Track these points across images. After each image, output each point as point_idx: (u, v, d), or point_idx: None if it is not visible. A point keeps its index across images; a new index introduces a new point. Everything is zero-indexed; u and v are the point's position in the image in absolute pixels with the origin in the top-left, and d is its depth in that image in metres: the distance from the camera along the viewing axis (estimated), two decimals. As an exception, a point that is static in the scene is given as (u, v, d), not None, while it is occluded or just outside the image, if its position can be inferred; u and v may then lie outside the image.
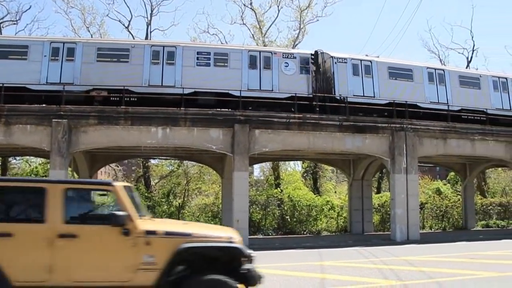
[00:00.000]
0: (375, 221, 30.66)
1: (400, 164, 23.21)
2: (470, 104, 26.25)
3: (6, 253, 6.23)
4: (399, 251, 17.99)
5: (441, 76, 25.68)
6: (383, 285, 10.50)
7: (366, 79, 24.08)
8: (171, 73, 21.49)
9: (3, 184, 7.48)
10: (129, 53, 21.87)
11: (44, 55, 21.07)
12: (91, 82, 21.19)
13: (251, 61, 22.51)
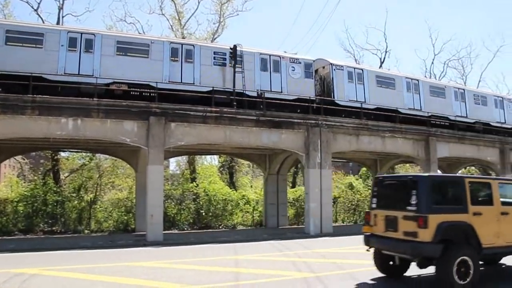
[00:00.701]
0: (290, 215, 31.10)
1: (314, 159, 23.68)
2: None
3: (479, 226, 9.40)
4: (313, 244, 18.36)
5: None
6: (296, 278, 10.59)
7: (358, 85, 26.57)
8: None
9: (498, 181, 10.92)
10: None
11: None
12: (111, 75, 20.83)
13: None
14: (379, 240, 10.31)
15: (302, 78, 25.13)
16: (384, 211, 10.28)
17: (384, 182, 11.36)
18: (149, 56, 21.70)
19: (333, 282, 10.06)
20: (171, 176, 44.53)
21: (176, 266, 12.57)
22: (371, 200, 11.22)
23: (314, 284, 9.81)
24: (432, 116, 29.92)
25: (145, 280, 10.39)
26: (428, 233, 8.89)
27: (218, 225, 28.20)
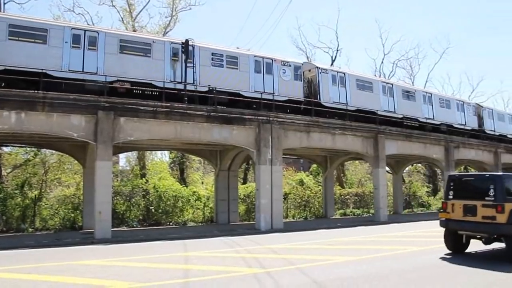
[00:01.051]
0: (240, 211, 31.15)
1: (265, 155, 23.79)
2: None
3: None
4: (263, 239, 18.45)
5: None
6: (246, 274, 10.60)
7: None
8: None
9: None
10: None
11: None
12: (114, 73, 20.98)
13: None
14: (458, 223, 13.34)
15: (292, 80, 26.40)
16: (462, 201, 13.35)
17: (461, 179, 14.77)
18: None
19: (283, 277, 10.12)
20: (121, 172, 43.79)
21: (124, 264, 12.35)
22: (446, 192, 14.34)
23: (264, 280, 9.85)
24: (404, 117, 32.20)
25: (92, 278, 10.13)
26: (504, 217, 12.01)
27: (168, 222, 27.89)
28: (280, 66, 26.09)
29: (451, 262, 12.08)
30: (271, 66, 25.67)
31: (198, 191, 32.68)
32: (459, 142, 36.76)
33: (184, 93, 22.19)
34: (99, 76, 20.48)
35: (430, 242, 16.66)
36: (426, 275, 10.30)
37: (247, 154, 26.38)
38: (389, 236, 19.49)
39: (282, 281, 9.69)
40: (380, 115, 29.07)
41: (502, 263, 11.96)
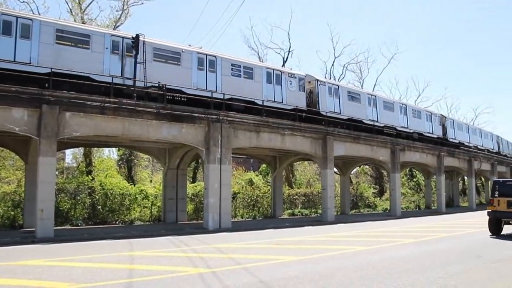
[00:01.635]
0: (189, 210, 30.93)
1: (214, 154, 23.69)
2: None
3: None
4: (211, 239, 18.34)
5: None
6: (192, 274, 10.47)
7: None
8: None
9: None
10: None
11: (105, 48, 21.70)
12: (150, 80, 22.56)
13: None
14: (503, 214, 19.09)
15: (297, 91, 29.38)
16: (506, 198, 18.95)
17: (504, 182, 20.61)
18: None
19: (228, 277, 10.05)
20: (66, 169, 42.58)
21: (65, 264, 11.93)
22: (493, 192, 19.91)
23: (209, 280, 9.75)
24: (385, 126, 36.62)
25: (30, 280, 9.72)
26: None
27: (114, 221, 27.34)
28: (287, 78, 28.82)
29: (395, 261, 12.35)
30: (280, 78, 28.38)
31: (146, 189, 32.24)
32: (404, 145, 37.93)
33: (134, 89, 21.77)
34: (33, 67, 19.52)
35: (376, 241, 17.05)
36: (371, 274, 10.47)
37: (196, 153, 26.18)
38: (336, 236, 19.77)
39: (228, 281, 9.61)
40: (366, 123, 31.85)
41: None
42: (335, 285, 9.39)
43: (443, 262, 12.36)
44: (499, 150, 62.58)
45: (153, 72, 22.80)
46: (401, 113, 39.20)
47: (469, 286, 9.49)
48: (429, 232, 20.87)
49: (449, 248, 15.65)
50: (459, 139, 49.21)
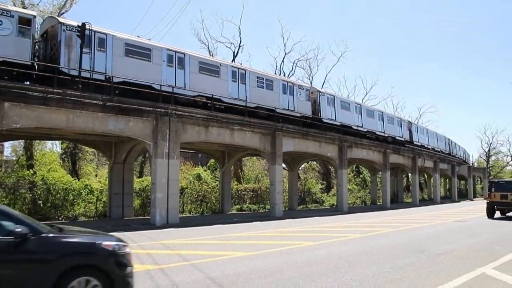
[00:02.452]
0: (135, 206, 30.37)
1: (162, 148, 23.28)
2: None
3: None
4: (158, 235, 18.00)
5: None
6: (138, 271, 10.15)
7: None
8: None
9: None
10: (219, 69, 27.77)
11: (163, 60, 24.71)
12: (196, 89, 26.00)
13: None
14: (497, 203, 27.56)
15: (304, 101, 34.28)
16: (499, 192, 27.24)
17: (498, 182, 29.70)
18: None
19: (177, 274, 9.84)
20: (5, 162, 40.90)
21: None
22: (490, 188, 28.97)
23: (157, 277, 9.51)
24: (368, 131, 42.40)
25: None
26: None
27: (57, 217, 26.45)
28: (298, 89, 33.77)
29: (343, 256, 12.47)
30: (292, 89, 33.11)
31: (91, 184, 31.33)
32: (352, 142, 38.63)
33: (82, 80, 20.99)
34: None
35: (324, 237, 17.20)
36: (319, 269, 10.51)
37: (143, 147, 25.66)
38: (284, 232, 19.84)
39: (176, 278, 9.40)
40: (355, 129, 36.96)
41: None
42: (284, 280, 9.36)
43: (389, 256, 12.61)
44: (450, 151, 65.81)
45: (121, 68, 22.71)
46: (379, 120, 45.35)
47: (414, 279, 9.67)
48: (375, 227, 21.29)
49: (395, 242, 15.97)
50: (421, 142, 56.02)
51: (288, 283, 9.11)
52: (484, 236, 18.35)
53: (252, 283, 9.11)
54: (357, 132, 40.63)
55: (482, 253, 13.56)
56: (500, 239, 17.07)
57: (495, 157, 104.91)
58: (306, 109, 34.17)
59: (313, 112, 35.33)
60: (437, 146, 61.77)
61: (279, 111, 31.16)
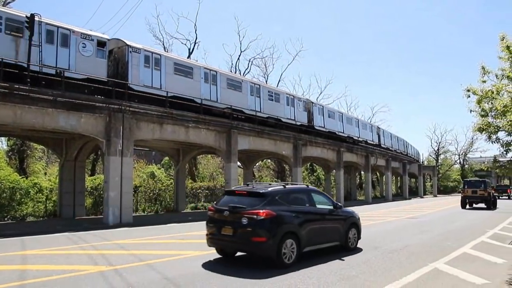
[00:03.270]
0: (87, 205, 29.59)
1: (115, 146, 22.74)
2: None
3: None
4: (112, 235, 17.56)
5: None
6: (92, 272, 9.85)
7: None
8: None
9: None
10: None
11: (201, 77, 28.83)
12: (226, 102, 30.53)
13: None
14: (469, 197, 36.52)
15: (302, 111, 39.75)
16: (471, 189, 36.40)
17: (470, 181, 39.66)
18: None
19: (132, 274, 9.59)
20: None
21: None
22: (464, 186, 37.95)
23: (111, 278, 9.23)
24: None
25: None
26: (487, 194, 36.01)
27: (3, 217, 25.33)
28: (297, 101, 39.38)
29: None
30: (293, 100, 38.64)
31: (40, 182, 30.21)
32: (306, 140, 38.97)
33: (27, 74, 20.15)
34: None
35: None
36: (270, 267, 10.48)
37: (96, 144, 25.02)
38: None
39: (131, 279, 9.15)
40: (344, 137, 39.66)
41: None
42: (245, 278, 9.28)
43: (344, 253, 12.72)
44: (405, 149, 67.85)
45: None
46: (351, 125, 49.61)
47: (369, 275, 9.81)
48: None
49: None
50: (383, 143, 59.92)
51: (246, 282, 9.04)
52: (435, 232, 18.86)
53: (208, 282, 8.98)
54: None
55: (434, 248, 13.97)
56: (450, 235, 17.58)
57: (444, 156, 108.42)
58: (303, 118, 39.55)
59: (308, 120, 40.59)
60: (396, 145, 66.06)
61: (284, 120, 36.63)
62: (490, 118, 11.15)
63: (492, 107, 10.99)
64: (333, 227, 12.53)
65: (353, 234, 13.23)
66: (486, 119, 11.18)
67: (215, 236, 10.97)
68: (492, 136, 11.13)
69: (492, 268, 10.91)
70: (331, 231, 12.41)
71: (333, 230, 12.50)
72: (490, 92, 10.97)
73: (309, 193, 12.28)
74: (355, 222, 13.51)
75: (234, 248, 11.15)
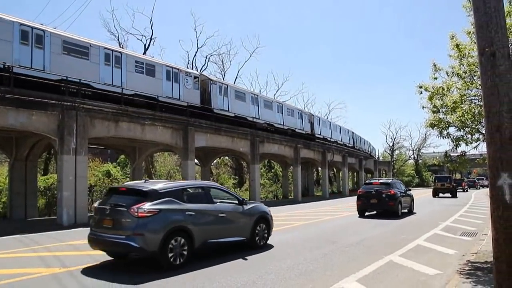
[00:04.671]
0: (40, 205, 28.73)
1: (69, 144, 22.08)
2: (325, 134, 50.94)
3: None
4: (66, 236, 17.01)
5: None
6: (44, 275, 9.44)
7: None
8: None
9: None
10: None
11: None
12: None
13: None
14: (439, 188, 48.66)
15: (306, 123, 47.90)
16: (440, 182, 49.51)
17: (439, 176, 55.32)
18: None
19: (86, 276, 9.25)
20: None
21: None
22: (435, 180, 52.37)
23: (65, 280, 8.88)
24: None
25: None
26: (452, 186, 48.42)
27: None
28: (304, 114, 48.41)
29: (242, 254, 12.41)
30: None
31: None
32: (264, 137, 39.04)
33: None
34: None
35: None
36: (231, 266, 10.36)
37: (48, 142, 24.24)
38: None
39: (86, 281, 8.83)
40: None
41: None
42: (199, 275, 9.11)
43: (302, 249, 12.85)
44: (354, 144, 68.16)
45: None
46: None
47: (326, 269, 9.91)
48: (288, 221, 21.52)
49: (308, 235, 16.27)
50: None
51: (203, 279, 8.88)
52: (390, 226, 19.20)
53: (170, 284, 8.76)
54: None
55: (389, 242, 14.26)
56: (404, 229, 17.96)
57: (398, 151, 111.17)
58: (307, 128, 41.54)
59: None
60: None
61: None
62: (441, 114, 11.42)
63: (443, 103, 11.26)
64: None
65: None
66: (438, 115, 11.45)
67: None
68: (443, 131, 11.41)
69: (444, 259, 11.28)
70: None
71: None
72: (441, 89, 11.26)
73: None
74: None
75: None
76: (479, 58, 5.93)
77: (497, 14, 5.72)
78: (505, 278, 5.59)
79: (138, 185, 10.89)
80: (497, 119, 5.62)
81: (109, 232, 9.93)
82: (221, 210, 11.70)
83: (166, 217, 9.94)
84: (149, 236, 9.52)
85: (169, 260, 9.77)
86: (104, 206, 10.29)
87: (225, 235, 11.72)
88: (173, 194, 10.54)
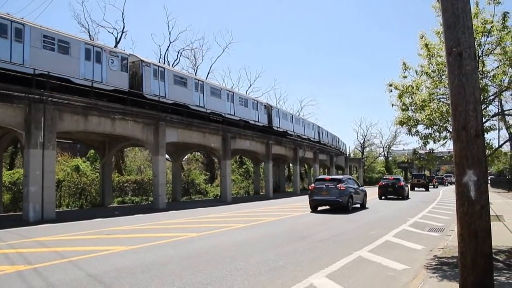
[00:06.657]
0: (5, 201, 28.08)
1: (36, 138, 21.63)
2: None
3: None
4: (32, 232, 16.65)
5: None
6: (8, 272, 9.21)
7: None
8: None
9: None
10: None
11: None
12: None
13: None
14: (415, 183, 59.23)
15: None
16: (416, 179, 61.60)
17: (415, 174, 69.23)
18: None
19: (53, 273, 9.06)
20: None
21: None
22: (412, 177, 66.34)
23: (30, 278, 8.67)
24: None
25: None
26: (426, 182, 59.83)
27: None
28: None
29: (228, 246, 12.41)
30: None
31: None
32: (235, 133, 38.97)
33: None
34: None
35: (208, 228, 17.11)
36: (204, 260, 10.32)
37: (15, 136, 23.67)
38: (168, 223, 19.40)
39: (52, 278, 8.64)
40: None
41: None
42: (168, 273, 9.06)
43: (273, 244, 12.89)
44: (320, 139, 68.15)
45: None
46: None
47: (296, 265, 9.96)
48: (259, 217, 21.58)
49: (278, 231, 16.36)
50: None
51: (173, 276, 8.83)
52: (360, 222, 19.48)
53: (135, 277, 8.69)
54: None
55: (359, 237, 14.45)
56: (373, 225, 18.20)
57: (369, 148, 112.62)
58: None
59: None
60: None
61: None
62: (410, 112, 11.59)
63: (412, 101, 11.44)
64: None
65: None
66: (407, 113, 11.63)
67: None
68: (412, 129, 11.60)
69: (412, 254, 11.48)
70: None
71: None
72: (410, 87, 11.43)
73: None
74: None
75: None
76: (447, 58, 6.04)
77: (464, 15, 5.84)
78: (469, 273, 5.73)
79: (336, 176, 29.27)
80: (463, 118, 5.74)
81: (325, 196, 24.46)
82: (356, 188, 26.30)
83: (348, 190, 24.34)
84: (343, 198, 23.82)
85: (349, 208, 24.12)
86: (321, 186, 24.75)
87: (357, 200, 26.01)
88: (347, 181, 25.22)
